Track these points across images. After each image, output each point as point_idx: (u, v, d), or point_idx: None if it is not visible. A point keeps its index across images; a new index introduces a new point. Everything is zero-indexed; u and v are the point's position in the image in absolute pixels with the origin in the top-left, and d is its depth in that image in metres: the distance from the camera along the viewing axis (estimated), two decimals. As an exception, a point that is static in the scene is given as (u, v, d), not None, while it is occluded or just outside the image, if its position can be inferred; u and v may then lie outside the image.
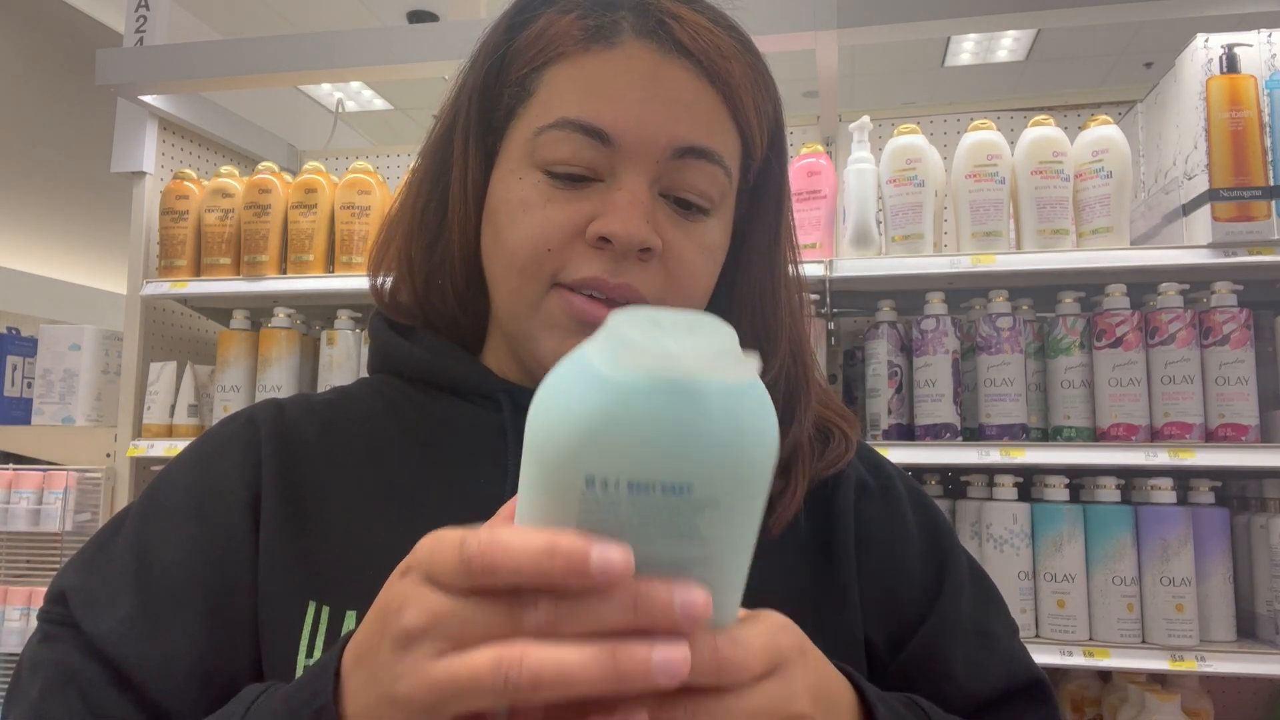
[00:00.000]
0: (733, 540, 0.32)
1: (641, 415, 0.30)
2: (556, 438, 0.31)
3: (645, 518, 0.31)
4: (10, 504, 1.95)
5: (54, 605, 0.57)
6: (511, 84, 0.60)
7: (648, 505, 0.30)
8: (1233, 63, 1.56)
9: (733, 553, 0.33)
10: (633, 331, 0.31)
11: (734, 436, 0.31)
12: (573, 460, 0.30)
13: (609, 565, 0.30)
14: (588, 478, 0.30)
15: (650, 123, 0.55)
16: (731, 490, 0.31)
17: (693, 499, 0.30)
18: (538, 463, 0.32)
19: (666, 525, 0.31)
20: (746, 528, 0.33)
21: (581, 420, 0.30)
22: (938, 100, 5.14)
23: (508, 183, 0.59)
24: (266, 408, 0.65)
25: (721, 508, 0.31)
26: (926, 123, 2.10)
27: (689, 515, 0.31)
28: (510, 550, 0.31)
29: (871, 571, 0.63)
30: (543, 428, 0.32)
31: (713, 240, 0.60)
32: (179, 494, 0.60)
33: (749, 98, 0.59)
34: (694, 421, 0.30)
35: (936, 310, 1.69)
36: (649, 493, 0.30)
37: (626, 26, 0.57)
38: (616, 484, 0.30)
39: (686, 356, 0.30)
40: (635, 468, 0.30)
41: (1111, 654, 1.53)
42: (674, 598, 0.31)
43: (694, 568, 0.32)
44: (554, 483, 0.31)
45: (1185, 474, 1.66)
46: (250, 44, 1.95)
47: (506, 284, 0.59)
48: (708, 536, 0.31)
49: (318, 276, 1.94)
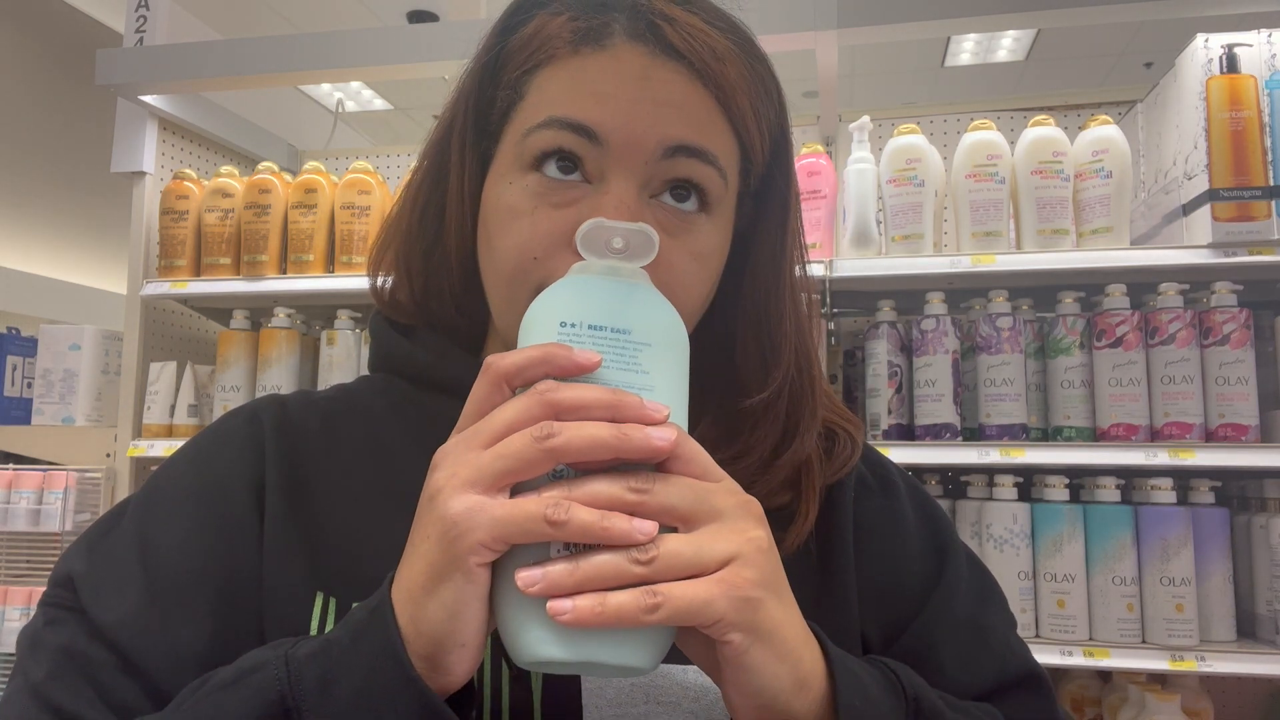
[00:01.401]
0: (667, 376, 0.46)
1: (595, 287, 0.47)
2: (542, 306, 0.47)
3: (602, 349, 0.45)
4: (10, 504, 1.95)
5: (59, 589, 0.57)
6: (505, 87, 0.59)
7: (603, 340, 0.45)
8: (1233, 63, 1.56)
9: (669, 386, 0.46)
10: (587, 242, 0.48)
11: (651, 303, 0.48)
12: (552, 313, 0.46)
13: (585, 355, 0.44)
14: (561, 321, 0.45)
15: (639, 122, 0.54)
16: (658, 335, 0.47)
17: (633, 339, 0.46)
18: (528, 329, 0.47)
19: (617, 356, 0.45)
20: (675, 367, 0.47)
21: (558, 290, 0.47)
22: (938, 100, 5.14)
23: (499, 188, 0.58)
24: (269, 403, 0.65)
25: (654, 347, 0.46)
26: (926, 123, 2.10)
27: (632, 350, 0.46)
28: (517, 352, 0.44)
29: (870, 567, 0.63)
30: (534, 306, 0.47)
31: (706, 246, 0.58)
32: (183, 486, 0.60)
33: (745, 100, 0.58)
34: (627, 293, 0.47)
35: (936, 310, 1.69)
36: (603, 332, 0.45)
37: (618, 29, 0.56)
38: (581, 325, 0.45)
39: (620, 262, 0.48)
40: (592, 315, 0.46)
41: (1111, 654, 1.53)
42: (642, 399, 0.43)
43: (643, 393, 0.45)
44: (539, 332, 0.46)
45: (1185, 474, 1.66)
46: (250, 44, 1.95)
47: (498, 291, 0.59)
48: (649, 370, 0.46)
49: (318, 276, 1.94)
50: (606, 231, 0.48)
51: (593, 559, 0.41)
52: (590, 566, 0.40)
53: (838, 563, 0.62)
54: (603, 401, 0.42)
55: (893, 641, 0.62)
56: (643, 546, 0.41)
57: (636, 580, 0.41)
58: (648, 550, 0.41)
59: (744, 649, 0.42)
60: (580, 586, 0.40)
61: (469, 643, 0.43)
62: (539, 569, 0.41)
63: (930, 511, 0.68)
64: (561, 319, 0.45)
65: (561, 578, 0.40)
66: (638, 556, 0.41)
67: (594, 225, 0.47)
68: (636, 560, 0.41)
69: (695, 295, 0.58)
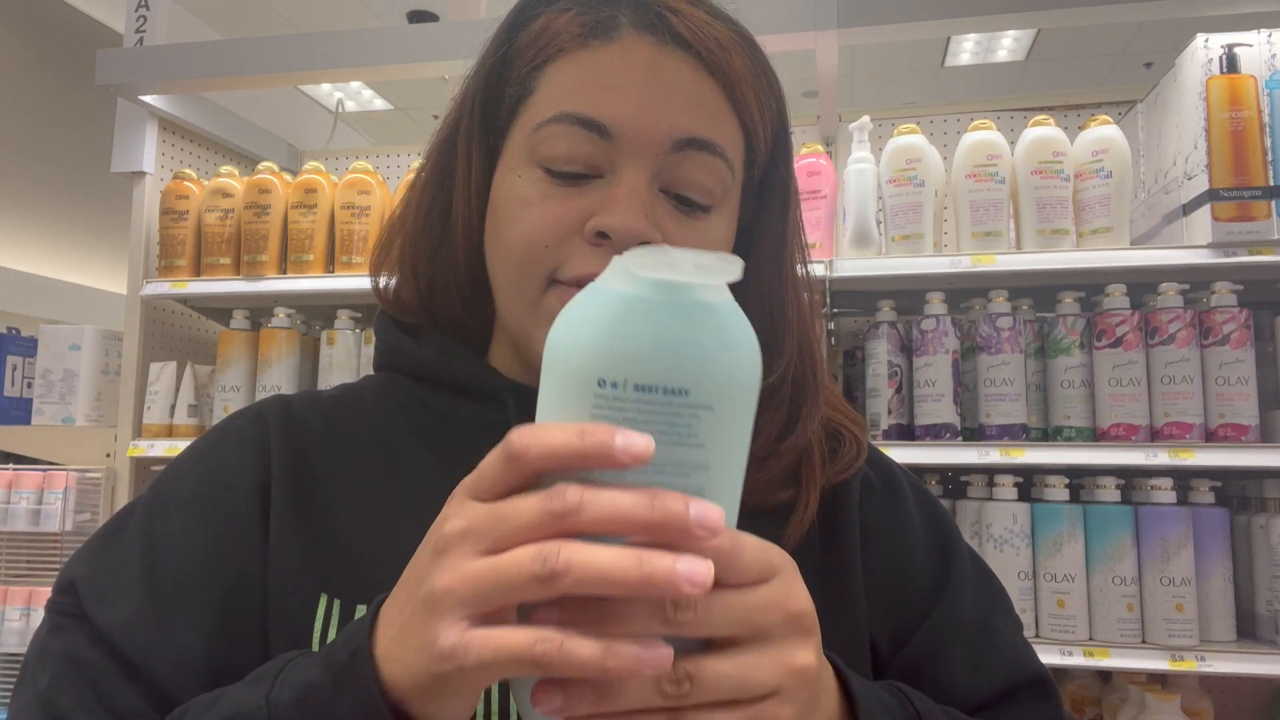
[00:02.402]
0: (727, 447, 0.37)
1: (645, 324, 0.35)
2: (573, 345, 0.36)
3: (650, 418, 0.35)
4: (10, 504, 1.95)
5: (63, 596, 0.57)
6: (513, 83, 0.60)
7: (652, 406, 0.35)
8: (1233, 63, 1.56)
9: (728, 460, 0.37)
10: (640, 258, 0.35)
11: (724, 347, 0.36)
12: (587, 364, 0.35)
13: (632, 444, 0.34)
14: (600, 379, 0.35)
15: (649, 114, 0.55)
16: (724, 395, 0.36)
17: (690, 401, 0.35)
18: (556, 373, 0.37)
19: (668, 427, 0.35)
20: (738, 436, 0.37)
21: (594, 329, 0.35)
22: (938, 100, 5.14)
23: (508, 180, 0.58)
24: (274, 403, 0.65)
25: (716, 412, 0.36)
26: (926, 123, 2.10)
27: (688, 418, 0.35)
28: (548, 433, 0.35)
29: (876, 569, 0.63)
30: (561, 339, 0.37)
31: (715, 237, 0.59)
32: (188, 487, 0.60)
33: (750, 90, 0.58)
34: (690, 332, 0.35)
35: (936, 310, 1.69)
36: (652, 394, 0.35)
37: (625, 21, 0.57)
38: (624, 384, 0.35)
39: (685, 277, 0.35)
40: (640, 370, 0.35)
41: (1111, 654, 1.53)
42: (689, 508, 0.34)
43: (694, 472, 0.36)
44: (570, 386, 0.36)
45: (1185, 474, 1.66)
46: (250, 44, 1.95)
47: (507, 282, 0.59)
48: (705, 442, 0.36)
49: (318, 276, 1.94)
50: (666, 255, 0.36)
51: (622, 690, 0.36)
52: (614, 695, 0.36)
53: (844, 564, 0.62)
54: (637, 519, 0.35)
55: (902, 644, 0.62)
56: (679, 674, 0.36)
57: (663, 708, 0.37)
58: (681, 684, 0.37)
59: None
60: (602, 708, 0.36)
61: (461, 713, 0.40)
62: (558, 698, 0.36)
63: (935, 512, 0.68)
64: (601, 374, 0.35)
65: (582, 703, 0.36)
66: (668, 690, 0.36)
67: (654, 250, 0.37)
68: (666, 694, 0.36)
69: None
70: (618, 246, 0.55)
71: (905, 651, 0.62)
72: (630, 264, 0.35)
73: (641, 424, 0.35)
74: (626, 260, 0.36)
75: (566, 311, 0.38)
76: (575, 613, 0.36)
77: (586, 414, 0.35)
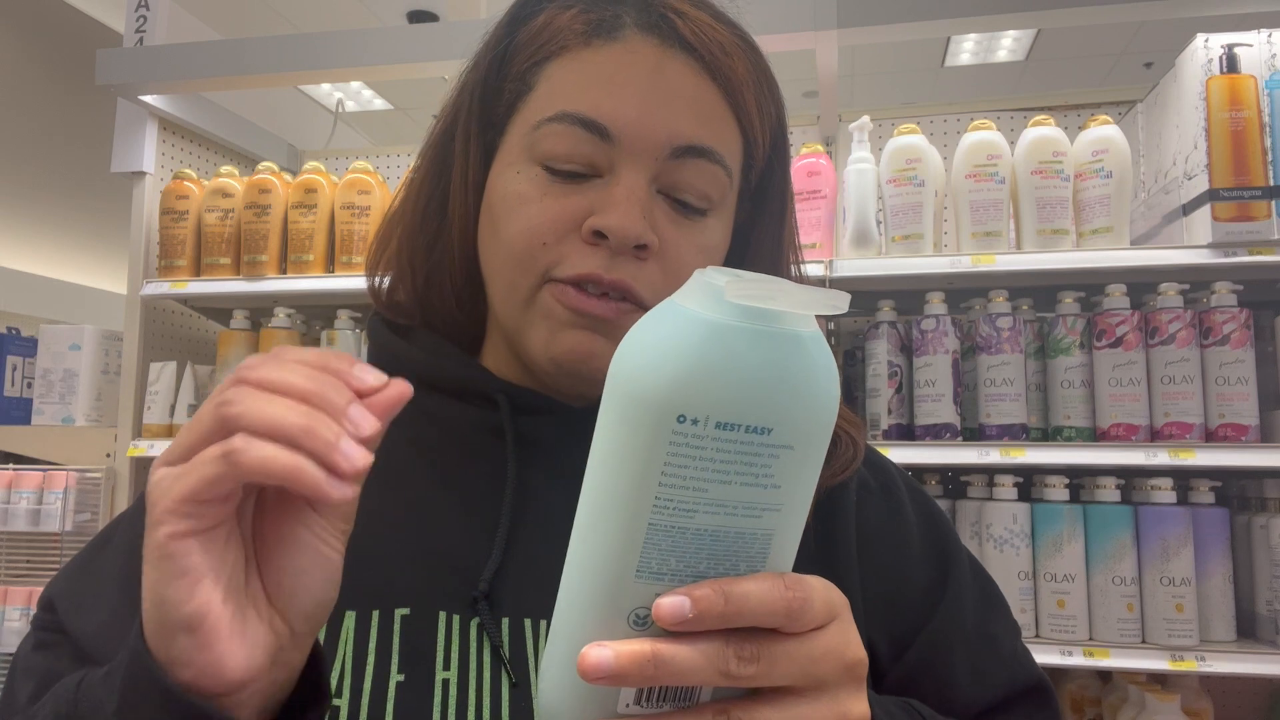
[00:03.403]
0: (801, 487, 0.34)
1: (734, 356, 0.32)
2: (652, 375, 0.32)
3: (728, 458, 0.32)
4: (10, 504, 1.95)
5: (44, 613, 0.58)
6: (513, 79, 0.59)
7: (731, 445, 0.32)
8: (1233, 63, 1.56)
9: (800, 500, 0.35)
10: (723, 280, 0.32)
11: (812, 382, 0.33)
12: (667, 398, 0.32)
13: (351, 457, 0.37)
14: (680, 415, 0.32)
15: (651, 118, 0.55)
16: (806, 434, 0.33)
17: (771, 441, 0.33)
18: (629, 401, 0.33)
19: (745, 467, 0.33)
20: (811, 475, 0.35)
21: (680, 359, 0.32)
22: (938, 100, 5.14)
23: (506, 176, 0.58)
24: None
25: (795, 451, 0.33)
26: (926, 123, 2.10)
27: (766, 458, 0.33)
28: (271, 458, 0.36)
29: (874, 574, 0.63)
30: (637, 366, 0.33)
31: (711, 240, 0.59)
32: None
33: (751, 95, 0.58)
34: (782, 366, 0.32)
35: (936, 310, 1.69)
36: (734, 432, 0.32)
37: (629, 21, 0.57)
38: (706, 422, 0.32)
39: (778, 304, 0.32)
40: (725, 408, 0.32)
41: (1111, 654, 1.53)
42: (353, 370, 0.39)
43: (766, 514, 0.34)
44: (646, 421, 0.32)
45: (1185, 474, 1.66)
46: (250, 44, 1.95)
47: (502, 278, 0.58)
48: (780, 483, 0.34)
49: (318, 276, 1.94)
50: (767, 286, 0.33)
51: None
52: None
53: (841, 568, 0.61)
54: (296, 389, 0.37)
55: (901, 651, 0.62)
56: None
57: None
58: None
59: None
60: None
61: (192, 628, 0.37)
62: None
63: (932, 515, 0.68)
64: (681, 410, 0.32)
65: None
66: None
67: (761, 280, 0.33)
68: None
69: None
70: (614, 246, 0.54)
71: (905, 658, 0.62)
72: (721, 285, 0.32)
73: (718, 464, 0.33)
74: (713, 279, 0.33)
75: (642, 332, 0.35)
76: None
77: (663, 452, 0.32)
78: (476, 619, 0.55)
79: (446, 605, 0.55)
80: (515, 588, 0.56)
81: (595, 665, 0.33)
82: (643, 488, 0.33)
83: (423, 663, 0.54)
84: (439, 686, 0.54)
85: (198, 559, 0.37)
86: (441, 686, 0.54)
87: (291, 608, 0.41)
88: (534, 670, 0.54)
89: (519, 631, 0.55)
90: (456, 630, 0.55)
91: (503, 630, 0.55)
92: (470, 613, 0.55)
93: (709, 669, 0.34)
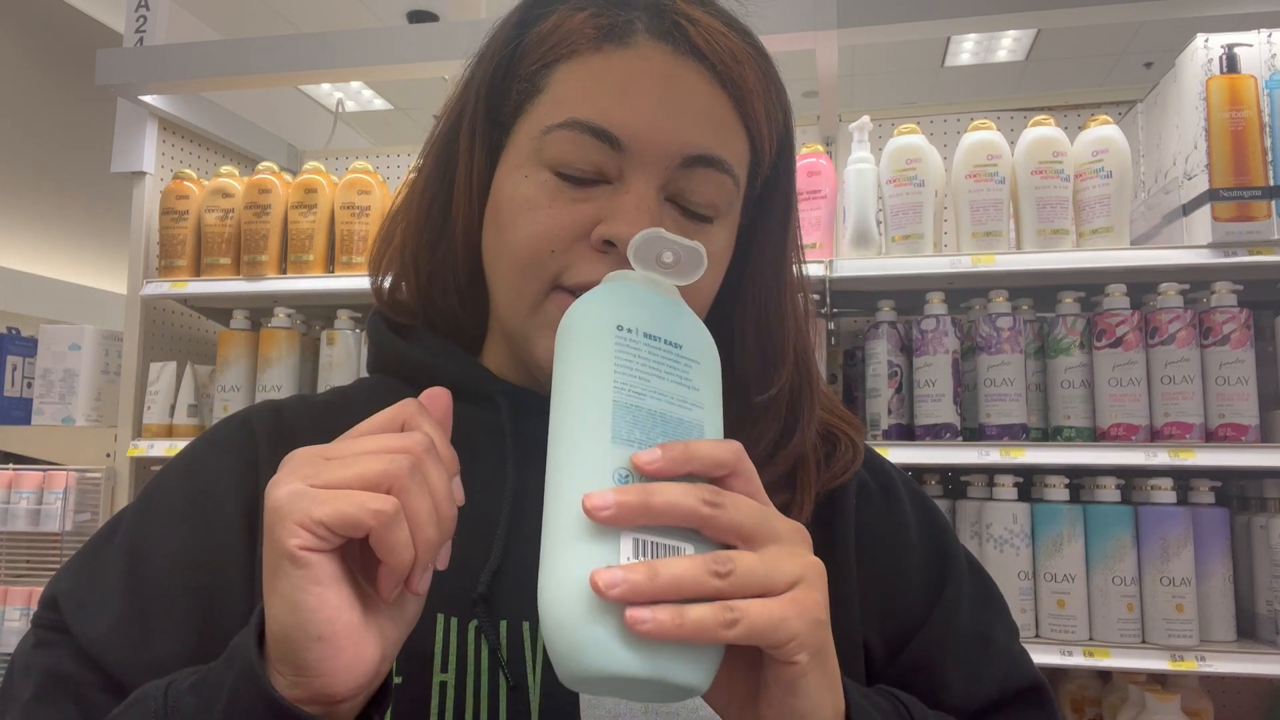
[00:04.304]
0: (714, 394, 0.47)
1: (647, 297, 0.47)
2: (597, 306, 0.46)
3: (657, 359, 0.45)
4: (10, 504, 1.95)
5: (46, 611, 0.57)
6: (520, 80, 0.59)
7: (657, 350, 0.45)
8: (1233, 63, 1.56)
9: (715, 405, 0.47)
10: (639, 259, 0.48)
11: (697, 326, 0.48)
12: (610, 315, 0.45)
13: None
14: (619, 325, 0.44)
15: (662, 128, 0.55)
16: (705, 355, 0.47)
17: (684, 354, 0.46)
18: (582, 331, 0.45)
19: (671, 368, 0.45)
20: (717, 386, 0.47)
21: (605, 294, 0.46)
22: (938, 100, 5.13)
23: (513, 180, 0.58)
24: (263, 410, 0.64)
25: (702, 366, 0.47)
26: (926, 123, 2.10)
27: (684, 365, 0.46)
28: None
29: (872, 575, 0.62)
30: (585, 309, 0.46)
31: (718, 247, 0.59)
32: (173, 498, 0.60)
33: (760, 104, 0.58)
34: (679, 307, 0.48)
35: (936, 310, 1.69)
36: (657, 342, 0.45)
37: (640, 27, 0.56)
38: (637, 331, 0.45)
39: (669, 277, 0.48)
40: (649, 323, 0.45)
41: (1111, 654, 1.53)
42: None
43: (694, 409, 0.45)
44: (596, 334, 0.44)
45: (1185, 474, 1.66)
46: (250, 44, 1.95)
47: (507, 283, 0.58)
48: (698, 387, 0.46)
49: (318, 276, 1.94)
50: (662, 244, 0.47)
51: (673, 568, 0.38)
52: (670, 575, 0.38)
53: (839, 570, 0.61)
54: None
55: (897, 652, 0.62)
56: (721, 559, 0.39)
57: (713, 594, 0.38)
58: (725, 564, 0.39)
59: (805, 671, 0.40)
60: (658, 596, 0.38)
61: (324, 635, 0.40)
62: (618, 572, 0.38)
63: (932, 517, 0.68)
64: (619, 322, 0.44)
65: (642, 584, 0.37)
66: (716, 569, 0.39)
67: (653, 235, 0.47)
68: (715, 573, 0.39)
69: (707, 294, 0.59)
70: (624, 255, 0.55)
71: (901, 659, 0.62)
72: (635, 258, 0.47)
73: (652, 362, 0.44)
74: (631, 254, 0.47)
75: (582, 298, 0.47)
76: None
77: (611, 348, 0.43)
78: (474, 621, 0.55)
79: (445, 607, 0.55)
80: (514, 590, 0.56)
81: (600, 502, 0.39)
82: (603, 375, 0.43)
83: (421, 665, 0.54)
84: (436, 689, 0.54)
85: (328, 569, 0.41)
86: (439, 689, 0.54)
87: (398, 617, 0.44)
88: (531, 673, 0.54)
89: (517, 634, 0.55)
90: (454, 632, 0.55)
91: (501, 633, 0.55)
92: (468, 615, 0.55)
93: (688, 499, 0.40)
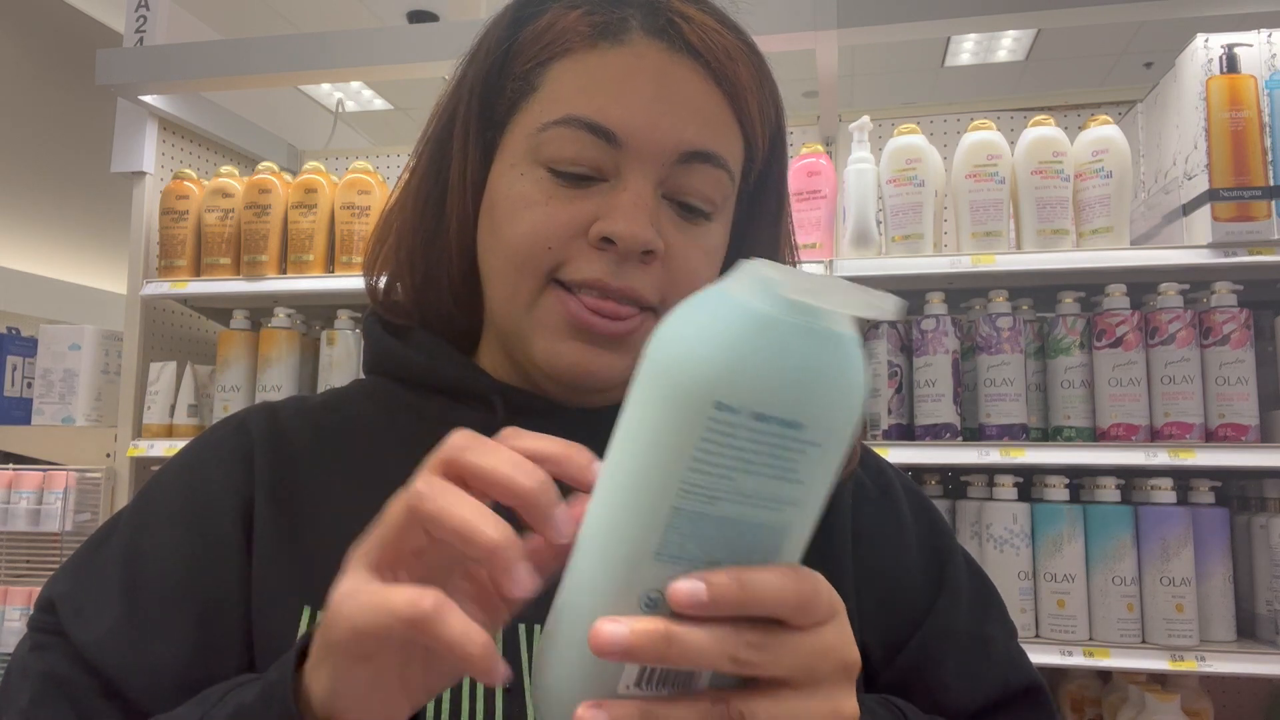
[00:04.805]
0: (821, 485, 0.35)
1: (781, 350, 0.32)
2: (695, 360, 0.32)
3: (759, 449, 0.32)
4: (10, 504, 1.95)
5: (43, 614, 0.57)
6: (515, 78, 0.59)
7: (764, 437, 0.32)
8: (1233, 63, 1.56)
9: (818, 498, 0.35)
10: (773, 273, 0.32)
11: (848, 383, 0.33)
12: (709, 384, 0.32)
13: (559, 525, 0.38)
14: (718, 403, 0.32)
15: (658, 125, 0.55)
16: (834, 433, 0.33)
17: (801, 436, 0.33)
18: (667, 384, 0.33)
19: (773, 460, 0.33)
20: (832, 475, 0.35)
21: (725, 347, 0.32)
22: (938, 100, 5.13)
23: (509, 178, 0.58)
24: (259, 412, 0.64)
25: (822, 449, 0.33)
26: (926, 123, 2.10)
27: (794, 453, 0.33)
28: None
29: (869, 575, 0.62)
30: (680, 350, 0.33)
31: (714, 243, 0.59)
32: (169, 501, 0.60)
33: (754, 100, 0.59)
34: (822, 364, 0.32)
35: (936, 310, 1.69)
36: (768, 424, 0.32)
37: (635, 24, 0.57)
38: (743, 411, 0.32)
39: (827, 303, 0.32)
40: (764, 399, 0.32)
41: (1111, 654, 1.53)
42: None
43: (785, 508, 0.34)
44: (683, 404, 0.32)
45: (1185, 474, 1.66)
46: (250, 44, 1.95)
47: (503, 280, 0.58)
48: (803, 480, 0.34)
49: (318, 276, 1.94)
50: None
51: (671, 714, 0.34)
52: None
53: (836, 571, 0.61)
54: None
55: (895, 653, 0.62)
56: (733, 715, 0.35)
57: None
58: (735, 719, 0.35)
59: None
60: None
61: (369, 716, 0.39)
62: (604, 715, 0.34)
63: (929, 516, 0.68)
64: (720, 397, 0.32)
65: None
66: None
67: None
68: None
69: None
70: (622, 252, 0.55)
71: (898, 660, 0.61)
72: (773, 278, 0.32)
73: (748, 454, 0.33)
74: (764, 271, 0.33)
75: (687, 317, 0.34)
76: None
77: (697, 438, 0.32)
78: None
79: None
80: None
81: (609, 639, 0.33)
82: (672, 471, 0.33)
83: None
84: None
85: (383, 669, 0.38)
86: None
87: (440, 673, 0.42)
88: (528, 676, 0.54)
89: (513, 637, 0.55)
90: None
91: (497, 635, 0.55)
92: None
93: (717, 652, 0.34)
